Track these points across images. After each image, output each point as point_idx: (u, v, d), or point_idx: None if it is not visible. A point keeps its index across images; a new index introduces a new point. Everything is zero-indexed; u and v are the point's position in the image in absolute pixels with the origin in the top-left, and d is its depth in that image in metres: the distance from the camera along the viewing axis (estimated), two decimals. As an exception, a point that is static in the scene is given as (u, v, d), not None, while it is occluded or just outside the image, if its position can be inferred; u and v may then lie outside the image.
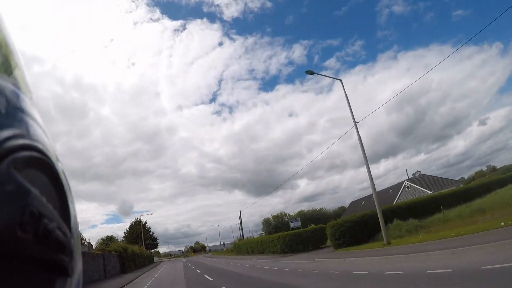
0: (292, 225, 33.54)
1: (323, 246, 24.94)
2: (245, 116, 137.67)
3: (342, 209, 57.69)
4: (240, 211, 57.00)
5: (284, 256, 23.31)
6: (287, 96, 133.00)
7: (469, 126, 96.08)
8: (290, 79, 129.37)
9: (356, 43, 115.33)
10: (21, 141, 0.29)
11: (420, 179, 39.20)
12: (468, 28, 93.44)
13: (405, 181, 38.86)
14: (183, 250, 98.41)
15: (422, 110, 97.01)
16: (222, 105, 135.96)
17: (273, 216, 69.28)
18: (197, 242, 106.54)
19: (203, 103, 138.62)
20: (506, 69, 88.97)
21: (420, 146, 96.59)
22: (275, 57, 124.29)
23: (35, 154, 0.31)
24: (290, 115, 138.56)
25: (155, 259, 74.25)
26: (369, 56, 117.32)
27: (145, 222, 65.52)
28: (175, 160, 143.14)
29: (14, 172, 0.27)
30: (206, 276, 16.10)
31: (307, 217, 52.78)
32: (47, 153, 0.33)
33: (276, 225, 62.78)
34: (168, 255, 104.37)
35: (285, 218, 63.11)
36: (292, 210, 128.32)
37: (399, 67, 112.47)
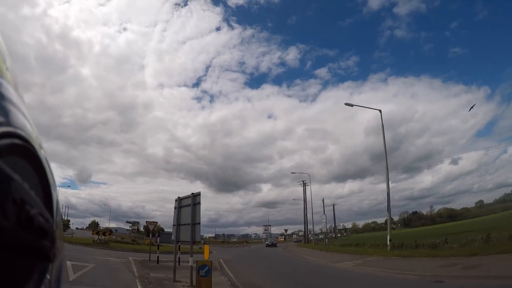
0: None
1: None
2: (225, 109, 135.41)
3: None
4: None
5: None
6: (271, 97, 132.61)
7: (440, 163, 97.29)
8: (277, 81, 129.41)
9: (351, 58, 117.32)
10: (2, 129, 0.29)
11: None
12: (462, 67, 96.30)
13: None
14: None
15: (400, 139, 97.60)
16: (204, 92, 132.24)
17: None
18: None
19: (185, 85, 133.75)
20: (488, 114, 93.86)
21: (389, 174, 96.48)
22: (269, 55, 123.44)
23: (17, 141, 0.31)
24: (270, 117, 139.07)
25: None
26: (361, 74, 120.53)
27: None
28: (144, 138, 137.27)
29: None
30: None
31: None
32: (29, 140, 0.33)
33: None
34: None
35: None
36: (249, 213, 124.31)
37: (387, 91, 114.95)
